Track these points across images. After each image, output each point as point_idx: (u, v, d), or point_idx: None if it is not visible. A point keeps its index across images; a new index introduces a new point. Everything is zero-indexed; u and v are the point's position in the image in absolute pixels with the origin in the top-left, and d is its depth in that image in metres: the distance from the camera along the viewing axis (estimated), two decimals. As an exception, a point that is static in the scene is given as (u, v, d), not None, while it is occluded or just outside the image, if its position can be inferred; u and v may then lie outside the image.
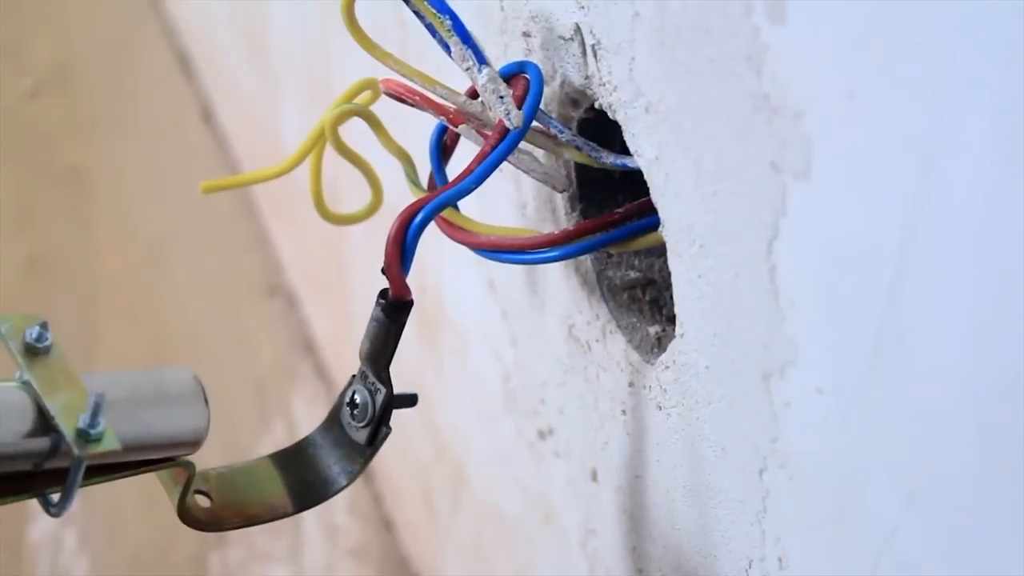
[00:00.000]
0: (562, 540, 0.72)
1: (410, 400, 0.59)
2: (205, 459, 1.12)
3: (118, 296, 1.30)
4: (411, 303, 0.57)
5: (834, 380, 0.45)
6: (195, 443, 0.57)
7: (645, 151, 0.53)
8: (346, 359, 1.13)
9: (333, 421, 0.59)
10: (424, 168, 0.60)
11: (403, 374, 0.96)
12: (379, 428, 0.58)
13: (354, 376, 0.59)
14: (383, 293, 0.57)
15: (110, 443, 0.52)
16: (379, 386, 0.58)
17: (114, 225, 1.37)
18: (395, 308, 0.57)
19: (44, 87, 1.51)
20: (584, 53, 0.56)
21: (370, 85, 0.61)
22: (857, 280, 0.43)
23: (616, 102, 0.54)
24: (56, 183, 1.40)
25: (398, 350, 0.58)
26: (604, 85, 0.55)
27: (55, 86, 1.51)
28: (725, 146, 0.48)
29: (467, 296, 0.79)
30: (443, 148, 0.59)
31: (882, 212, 0.41)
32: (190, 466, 0.57)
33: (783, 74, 0.44)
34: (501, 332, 0.74)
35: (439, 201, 0.55)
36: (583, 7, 0.55)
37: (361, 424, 0.58)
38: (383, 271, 0.56)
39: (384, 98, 0.59)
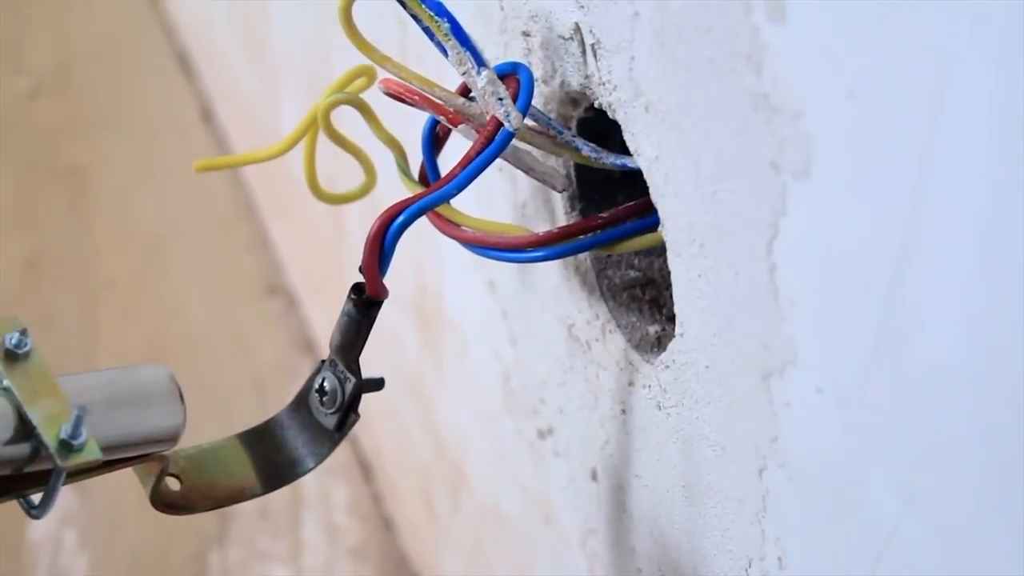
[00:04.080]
0: (562, 540, 0.72)
1: (377, 384, 0.60)
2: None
3: (118, 296, 1.30)
4: (383, 299, 0.57)
5: (834, 380, 0.45)
6: (172, 440, 0.57)
7: (645, 151, 0.53)
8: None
9: (301, 404, 0.60)
10: (417, 157, 0.60)
11: (403, 374, 0.97)
12: (348, 415, 0.59)
13: (323, 362, 0.59)
14: (355, 288, 0.57)
15: (92, 453, 0.53)
16: (348, 375, 0.59)
17: (114, 225, 1.37)
18: (367, 304, 0.57)
19: (44, 87, 1.51)
20: (584, 52, 0.56)
21: (364, 72, 0.61)
22: (857, 280, 0.43)
23: (616, 102, 0.54)
24: (56, 183, 1.40)
25: (398, 351, 0.58)
26: (604, 84, 0.55)
27: (55, 86, 1.51)
28: (725, 146, 0.48)
29: (467, 296, 0.79)
30: (435, 139, 0.59)
31: (882, 212, 0.41)
32: (164, 458, 0.58)
33: (783, 74, 0.44)
34: (501, 332, 0.74)
35: (421, 204, 0.55)
36: (583, 7, 0.55)
37: (330, 411, 0.59)
38: (360, 270, 0.56)
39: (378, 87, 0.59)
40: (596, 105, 0.56)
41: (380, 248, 0.55)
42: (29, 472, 0.54)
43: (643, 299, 0.61)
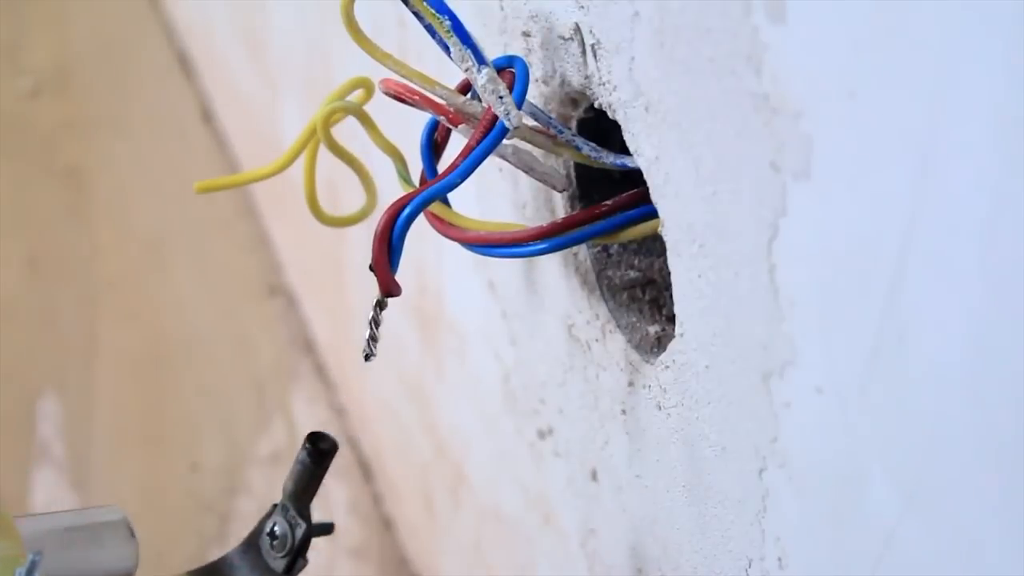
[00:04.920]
0: (562, 540, 0.72)
1: (327, 529, 0.64)
2: (208, 461, 1.12)
3: (118, 296, 1.30)
4: (335, 449, 0.61)
5: (834, 380, 0.45)
6: None
7: (645, 151, 0.53)
8: (346, 359, 1.13)
9: (251, 545, 0.64)
10: (418, 166, 0.60)
11: (403, 375, 0.97)
12: (296, 559, 0.63)
13: (275, 506, 0.63)
14: (310, 437, 0.60)
15: None
16: (299, 521, 0.62)
17: (114, 225, 1.37)
18: (320, 454, 0.61)
19: (44, 87, 1.51)
20: (584, 53, 0.56)
21: (362, 84, 0.61)
22: (857, 280, 0.43)
23: (616, 102, 0.54)
24: (56, 183, 1.40)
25: (399, 349, 0.58)
26: (604, 85, 0.55)
27: (55, 86, 1.51)
28: (725, 146, 0.48)
29: (467, 296, 0.79)
30: (434, 145, 0.59)
31: (882, 212, 0.41)
32: None
33: (783, 74, 0.44)
34: (501, 332, 0.74)
35: (426, 195, 0.55)
36: (583, 7, 0.55)
37: (280, 554, 0.63)
38: (371, 268, 0.55)
39: (377, 96, 0.59)
40: (596, 105, 0.56)
41: (389, 243, 0.55)
42: None
43: (643, 299, 0.62)
